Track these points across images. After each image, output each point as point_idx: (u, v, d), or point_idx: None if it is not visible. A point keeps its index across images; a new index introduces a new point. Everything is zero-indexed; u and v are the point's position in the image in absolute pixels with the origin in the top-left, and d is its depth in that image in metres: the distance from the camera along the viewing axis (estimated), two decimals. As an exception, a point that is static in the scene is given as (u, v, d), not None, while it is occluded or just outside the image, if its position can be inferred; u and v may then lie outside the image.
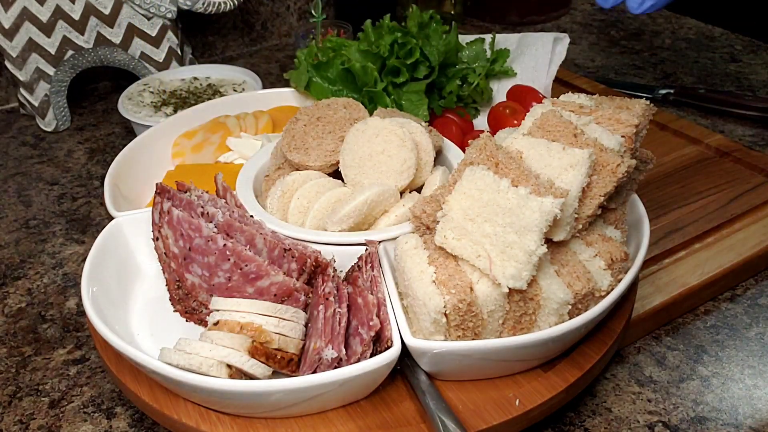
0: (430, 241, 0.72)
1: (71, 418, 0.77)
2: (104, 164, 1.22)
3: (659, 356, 0.82)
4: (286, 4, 1.63)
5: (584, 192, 0.70)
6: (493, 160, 0.71)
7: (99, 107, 1.41)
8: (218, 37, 1.59)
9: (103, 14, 1.27)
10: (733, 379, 0.79)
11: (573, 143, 0.72)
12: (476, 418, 0.67)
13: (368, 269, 0.74)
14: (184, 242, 0.76)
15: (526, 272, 0.65)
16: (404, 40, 1.04)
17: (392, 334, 0.68)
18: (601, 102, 0.79)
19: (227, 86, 1.27)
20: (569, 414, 0.76)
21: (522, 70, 1.14)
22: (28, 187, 1.17)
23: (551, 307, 0.67)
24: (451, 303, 0.66)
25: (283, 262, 0.75)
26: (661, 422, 0.74)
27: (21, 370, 0.83)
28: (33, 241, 1.05)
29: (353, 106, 0.96)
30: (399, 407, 0.70)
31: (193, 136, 1.06)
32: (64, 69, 1.29)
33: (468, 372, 0.71)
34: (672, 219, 0.99)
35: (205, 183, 0.86)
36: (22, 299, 0.94)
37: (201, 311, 0.78)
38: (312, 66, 1.07)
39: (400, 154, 0.84)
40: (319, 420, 0.68)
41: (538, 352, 0.70)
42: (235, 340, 0.66)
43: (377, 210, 0.82)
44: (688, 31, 1.66)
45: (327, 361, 0.65)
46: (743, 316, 0.87)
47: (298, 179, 0.86)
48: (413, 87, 1.05)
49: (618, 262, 0.71)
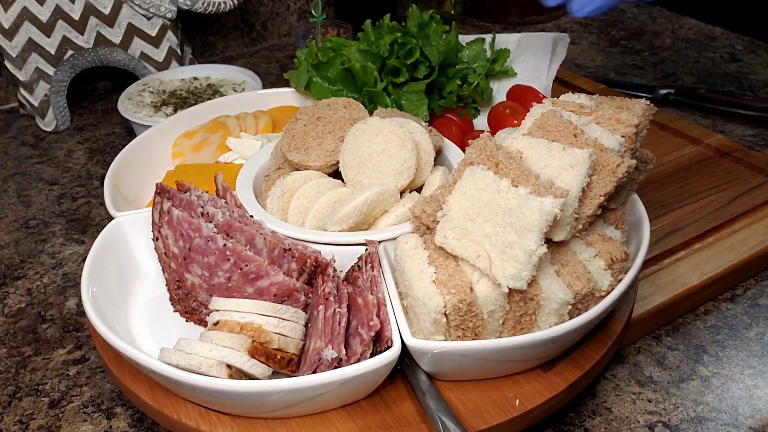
0: (430, 241, 0.72)
1: (71, 418, 0.77)
2: (104, 164, 1.22)
3: (659, 356, 0.82)
4: (286, 4, 1.63)
5: (584, 192, 0.70)
6: (493, 160, 0.71)
7: (99, 107, 1.41)
8: (218, 37, 1.59)
9: (102, 14, 1.27)
10: (733, 379, 0.79)
11: (573, 143, 0.72)
12: (476, 418, 0.67)
13: (368, 269, 0.74)
14: (184, 242, 0.76)
15: (526, 272, 0.65)
16: (404, 40, 1.04)
17: (392, 334, 0.68)
18: (601, 102, 0.79)
19: (227, 86, 1.27)
20: (569, 414, 0.76)
21: (522, 70, 1.14)
22: (27, 187, 1.17)
23: (551, 307, 0.67)
24: (451, 303, 0.66)
25: (283, 262, 0.75)
26: (661, 422, 0.74)
27: (21, 370, 0.83)
28: (33, 241, 1.04)
29: (353, 106, 0.96)
30: (399, 407, 0.70)
31: (193, 136, 1.06)
32: (63, 69, 1.29)
33: (468, 372, 0.71)
34: (672, 219, 0.99)
35: (205, 183, 0.86)
36: (22, 299, 0.94)
37: (201, 311, 0.78)
38: (312, 66, 1.07)
39: (400, 154, 0.84)
40: (319, 420, 0.68)
41: (538, 352, 0.70)
42: (235, 340, 0.66)
43: (377, 210, 0.82)
44: (689, 31, 1.66)
45: (327, 361, 0.65)
46: (743, 316, 0.87)
47: (298, 179, 0.86)
48: (413, 87, 1.05)
49: (618, 262, 0.71)
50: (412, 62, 1.04)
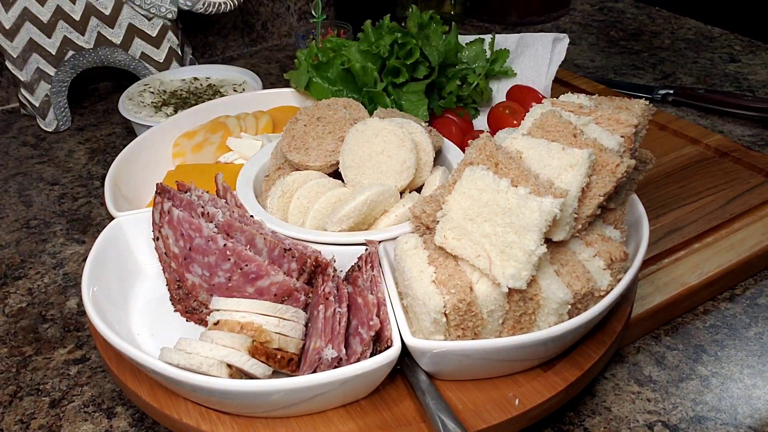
0: (429, 241, 0.72)
1: (72, 418, 0.77)
2: (105, 164, 1.22)
3: (658, 356, 0.82)
4: (286, 4, 1.63)
5: (584, 192, 0.70)
6: (492, 160, 0.71)
7: (99, 107, 1.41)
8: (218, 37, 1.59)
9: (103, 15, 1.27)
10: (732, 379, 0.79)
11: (572, 143, 0.72)
12: (476, 417, 0.67)
13: (368, 269, 0.74)
14: (185, 242, 0.76)
15: (525, 272, 0.65)
16: (404, 40, 1.04)
17: (392, 333, 0.68)
18: (600, 102, 0.79)
19: (227, 86, 1.27)
20: (569, 413, 0.76)
21: (521, 71, 1.14)
22: (28, 187, 1.17)
23: (551, 306, 0.67)
24: (450, 303, 0.66)
25: (283, 262, 0.75)
26: (660, 422, 0.74)
27: (22, 369, 0.83)
28: (34, 241, 1.05)
29: (353, 107, 0.96)
30: (399, 407, 0.70)
31: (194, 136, 1.06)
32: (64, 69, 1.29)
33: (468, 372, 0.71)
34: (671, 219, 0.99)
35: (205, 183, 0.87)
36: (23, 299, 0.94)
37: (201, 311, 0.78)
38: (312, 66, 1.07)
39: (400, 155, 0.84)
40: (319, 420, 0.68)
41: (538, 352, 0.70)
42: (236, 339, 0.67)
43: (377, 210, 0.82)
44: (688, 31, 1.66)
45: (327, 360, 0.65)
46: (742, 316, 0.87)
47: (298, 179, 0.86)
48: (413, 87, 1.05)
49: (617, 261, 0.71)
50: (412, 62, 1.05)
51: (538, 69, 1.12)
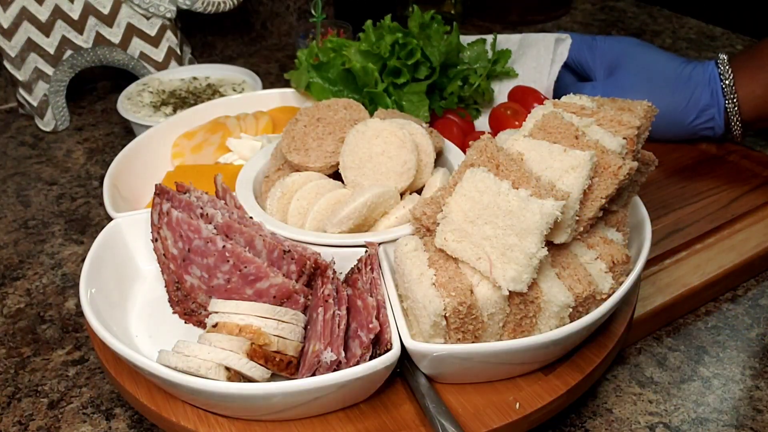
0: (430, 243, 0.72)
1: (70, 419, 0.77)
2: (103, 164, 1.22)
3: (660, 357, 0.82)
4: (286, 3, 1.63)
5: (585, 194, 0.70)
6: (493, 161, 0.70)
7: (98, 107, 1.40)
8: (218, 36, 1.59)
9: (102, 14, 1.27)
10: (734, 380, 0.79)
11: (574, 145, 0.72)
12: (476, 421, 0.67)
13: (368, 271, 0.74)
14: (183, 243, 0.76)
15: (526, 275, 0.64)
16: (405, 40, 1.04)
17: (392, 336, 0.68)
18: (602, 103, 0.79)
19: (227, 86, 1.27)
20: (570, 415, 0.75)
21: (523, 71, 1.14)
22: (26, 188, 1.17)
23: (552, 310, 0.67)
24: (451, 306, 0.65)
25: (282, 263, 0.75)
26: (662, 423, 0.74)
27: (20, 370, 0.83)
28: (32, 241, 1.04)
29: (353, 107, 0.96)
30: (398, 410, 0.70)
31: (193, 136, 1.06)
32: (63, 69, 1.28)
33: (468, 375, 0.71)
34: (673, 219, 0.98)
35: (204, 184, 0.86)
36: (21, 300, 0.94)
37: (200, 313, 0.78)
38: (312, 66, 1.07)
39: (401, 156, 0.84)
40: (318, 423, 0.68)
41: (539, 355, 0.70)
42: (234, 342, 0.66)
43: (377, 212, 0.82)
44: (689, 30, 1.65)
45: (326, 363, 0.65)
46: (744, 317, 0.87)
47: (298, 180, 0.86)
48: (414, 88, 1.05)
49: (619, 264, 0.71)
50: (413, 63, 1.04)
51: (540, 70, 1.12)
